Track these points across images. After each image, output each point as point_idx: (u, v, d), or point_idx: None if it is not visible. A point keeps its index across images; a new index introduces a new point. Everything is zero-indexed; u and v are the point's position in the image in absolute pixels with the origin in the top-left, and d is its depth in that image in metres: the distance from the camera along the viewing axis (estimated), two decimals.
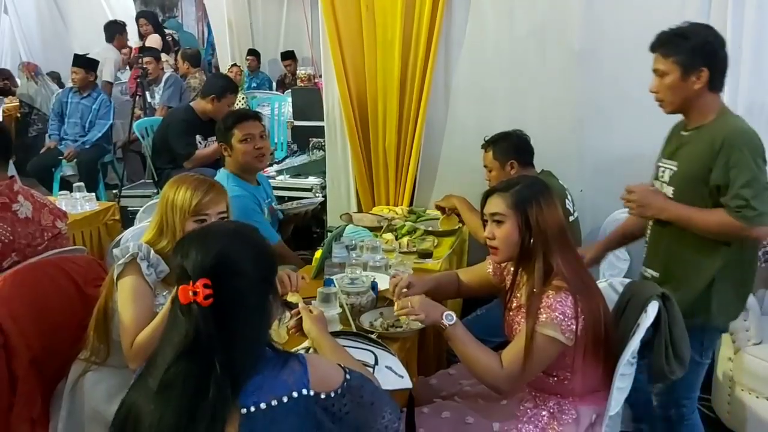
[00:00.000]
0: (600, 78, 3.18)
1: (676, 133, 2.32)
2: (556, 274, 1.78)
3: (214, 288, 1.25)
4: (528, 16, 3.25)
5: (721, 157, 2.07)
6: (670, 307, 1.95)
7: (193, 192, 1.97)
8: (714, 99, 2.20)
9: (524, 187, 1.89)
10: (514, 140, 2.83)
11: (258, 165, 2.96)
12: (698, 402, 2.97)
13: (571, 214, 2.78)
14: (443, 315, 1.83)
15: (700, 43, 2.15)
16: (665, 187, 2.24)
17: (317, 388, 1.31)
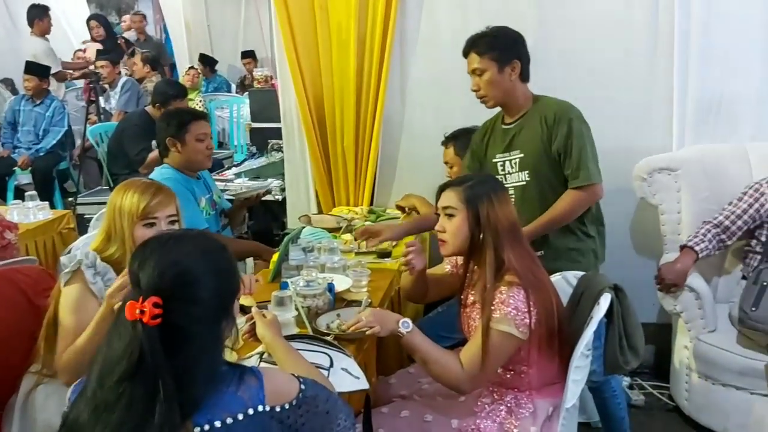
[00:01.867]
0: (553, 72, 3.20)
1: (497, 130, 2.59)
2: (507, 269, 1.79)
3: (164, 309, 1.18)
4: (481, 13, 3.24)
5: (559, 128, 2.40)
6: (622, 299, 1.98)
7: (140, 196, 1.94)
8: (527, 88, 2.54)
9: (478, 182, 1.91)
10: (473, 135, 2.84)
11: (207, 164, 3.00)
12: (657, 390, 3.05)
13: None
14: (399, 323, 1.82)
15: (508, 39, 2.47)
16: (520, 174, 2.48)
17: (273, 401, 1.29)
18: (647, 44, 3.10)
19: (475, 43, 2.48)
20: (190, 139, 2.84)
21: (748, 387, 2.56)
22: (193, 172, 2.95)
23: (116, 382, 1.18)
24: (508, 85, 2.47)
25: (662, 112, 3.14)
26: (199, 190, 2.94)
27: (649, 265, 3.04)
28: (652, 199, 2.98)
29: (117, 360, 1.20)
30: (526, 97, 2.53)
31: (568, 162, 2.40)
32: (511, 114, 2.55)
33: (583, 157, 2.38)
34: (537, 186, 2.47)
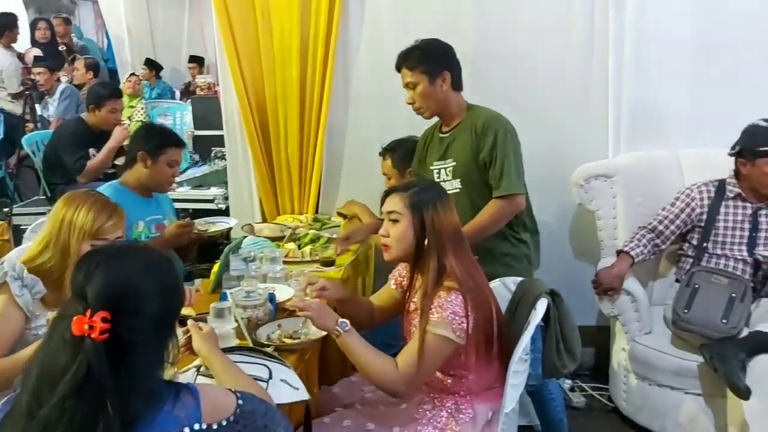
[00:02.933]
0: (494, 82, 3.26)
1: (435, 137, 2.66)
2: (448, 274, 1.81)
3: (112, 323, 1.15)
4: (423, 22, 3.28)
5: (486, 138, 2.47)
6: (559, 303, 2.02)
7: (96, 214, 1.94)
8: (461, 97, 2.61)
9: (423, 189, 1.93)
10: (411, 146, 2.85)
11: (166, 189, 2.92)
12: (597, 392, 3.12)
13: None
14: (338, 322, 1.82)
15: (437, 51, 2.54)
16: (453, 182, 2.55)
17: (210, 419, 1.26)
18: (584, 53, 3.18)
19: (405, 57, 2.54)
20: (162, 161, 2.74)
21: (683, 387, 2.64)
22: (147, 192, 2.85)
23: (60, 399, 1.14)
24: (441, 96, 2.53)
25: (599, 120, 3.22)
26: (142, 212, 2.79)
27: (587, 270, 3.11)
28: (589, 204, 3.06)
29: (59, 376, 1.15)
30: (460, 106, 2.59)
31: (492, 171, 2.47)
32: (447, 123, 2.62)
33: (506, 168, 2.44)
34: (468, 194, 2.52)
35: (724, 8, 3.06)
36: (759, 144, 2.62)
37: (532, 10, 3.19)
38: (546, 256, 3.27)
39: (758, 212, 2.71)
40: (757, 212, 2.71)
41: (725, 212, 2.74)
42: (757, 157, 2.62)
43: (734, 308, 2.54)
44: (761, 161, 2.62)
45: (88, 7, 10.30)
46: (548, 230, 3.30)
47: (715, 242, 2.75)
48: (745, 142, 2.68)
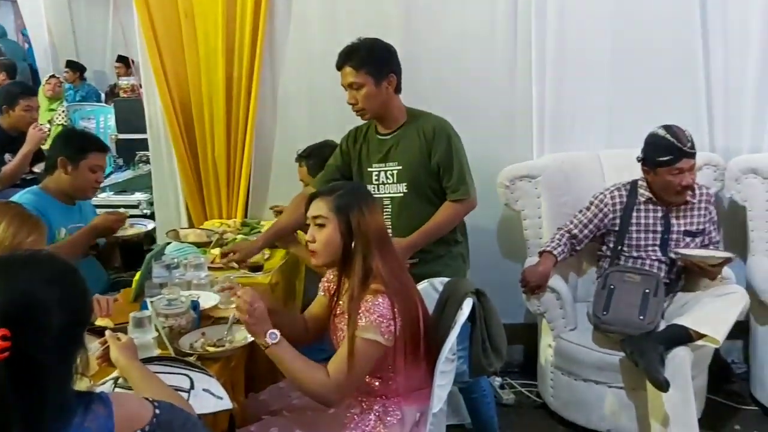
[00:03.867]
0: (421, 85, 3.27)
1: (372, 139, 2.59)
2: (374, 277, 1.80)
3: (13, 340, 1.07)
4: (350, 24, 3.27)
5: (438, 143, 2.48)
6: (485, 303, 2.04)
7: (16, 230, 1.91)
8: (400, 100, 2.58)
9: (347, 191, 1.91)
10: (326, 154, 2.82)
11: (90, 196, 2.83)
12: (526, 389, 3.18)
13: None
14: (267, 333, 1.78)
15: (383, 52, 2.49)
16: (397, 186, 2.51)
17: (123, 429, 1.20)
18: (508, 57, 3.24)
19: (349, 56, 2.46)
20: (84, 166, 2.64)
21: (606, 381, 2.72)
22: (69, 199, 2.74)
23: None
24: (385, 98, 2.49)
25: (523, 122, 3.29)
26: (64, 219, 2.69)
27: (514, 268, 3.16)
28: (515, 205, 3.12)
29: None
30: (400, 109, 2.57)
31: (449, 176, 2.49)
32: (387, 125, 2.56)
33: (462, 173, 2.49)
34: (415, 197, 2.51)
35: (640, 15, 3.18)
36: (658, 154, 2.70)
37: (457, 13, 3.23)
38: (474, 255, 3.31)
39: (669, 215, 2.80)
40: (668, 214, 2.80)
41: (638, 216, 2.82)
42: (658, 167, 2.71)
43: (649, 304, 2.62)
44: (662, 170, 2.70)
45: (7, 6, 9.85)
46: (476, 230, 3.31)
47: (629, 245, 2.82)
48: (647, 151, 2.76)
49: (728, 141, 3.22)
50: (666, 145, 2.68)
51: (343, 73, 2.48)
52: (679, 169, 2.68)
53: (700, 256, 2.68)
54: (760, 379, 2.98)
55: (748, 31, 3.14)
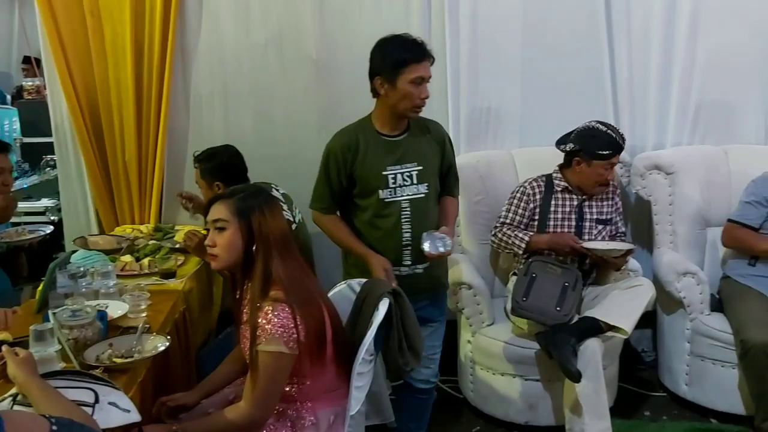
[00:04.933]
0: (338, 85, 3.28)
1: (377, 141, 2.37)
2: (275, 281, 1.78)
3: None
4: (264, 25, 3.25)
5: (445, 145, 2.52)
6: (401, 302, 2.04)
7: None
8: None
9: (248, 194, 1.87)
10: (222, 160, 2.77)
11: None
12: (447, 384, 3.21)
13: (293, 222, 2.80)
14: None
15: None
16: (418, 187, 2.39)
17: None
18: None
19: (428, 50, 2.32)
20: None
21: (523, 374, 2.78)
22: None
23: None
24: None
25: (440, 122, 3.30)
26: None
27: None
28: None
29: None
30: None
31: (453, 176, 2.57)
32: (398, 127, 2.39)
33: (457, 172, 2.60)
34: (432, 197, 2.45)
35: (548, 16, 3.26)
36: (599, 148, 2.78)
37: (372, 12, 3.22)
38: None
39: (583, 204, 2.91)
40: (582, 204, 2.91)
41: (555, 205, 2.92)
42: (594, 159, 2.80)
43: (567, 296, 2.71)
44: (597, 163, 2.80)
45: None
46: None
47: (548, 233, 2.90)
48: (583, 143, 2.82)
49: (634, 138, 3.35)
50: (608, 139, 2.79)
51: (426, 66, 2.29)
52: (612, 163, 2.82)
53: (603, 249, 2.78)
54: (667, 366, 3.12)
55: (650, 30, 3.27)
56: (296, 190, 2.99)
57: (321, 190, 2.43)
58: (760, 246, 2.87)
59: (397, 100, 2.29)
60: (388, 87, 2.28)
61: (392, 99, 2.29)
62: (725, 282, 3.01)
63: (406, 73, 2.24)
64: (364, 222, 2.40)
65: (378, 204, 2.36)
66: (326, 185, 2.41)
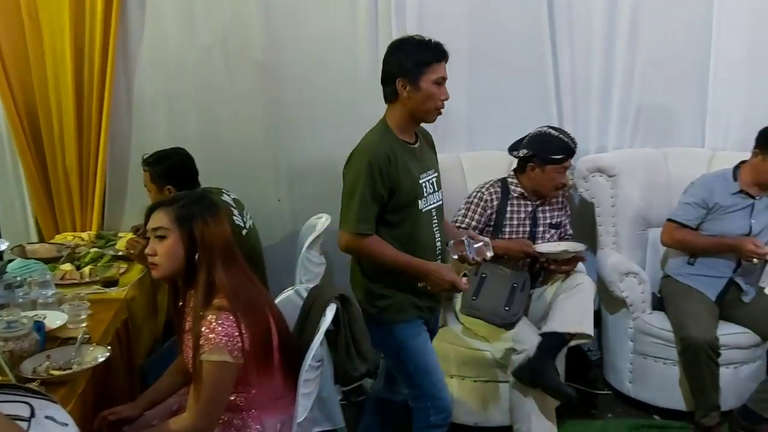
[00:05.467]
0: (286, 87, 3.26)
1: (404, 148, 2.22)
2: (218, 290, 1.75)
3: None
4: (209, 28, 3.20)
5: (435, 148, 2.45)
6: (349, 308, 2.04)
7: None
8: None
9: (190, 201, 1.83)
10: (173, 163, 2.72)
11: None
12: None
13: (244, 228, 2.77)
14: None
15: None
16: (438, 194, 2.31)
17: None
18: (370, 60, 3.25)
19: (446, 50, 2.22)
20: None
21: (472, 375, 2.81)
22: None
23: None
24: None
25: None
26: None
27: None
28: None
29: None
30: None
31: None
32: (413, 134, 2.28)
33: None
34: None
35: (494, 21, 3.30)
36: (552, 152, 2.81)
37: (318, 15, 3.21)
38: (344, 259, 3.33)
39: (537, 210, 2.93)
40: (536, 210, 2.93)
41: (511, 211, 2.93)
42: (548, 164, 2.82)
43: (516, 297, 2.74)
44: (551, 168, 2.82)
45: None
46: None
47: (503, 239, 2.90)
48: (536, 148, 2.84)
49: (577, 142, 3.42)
50: (560, 144, 2.82)
51: (445, 66, 2.20)
52: (565, 167, 2.86)
53: (556, 252, 2.83)
54: (612, 365, 3.19)
55: (591, 36, 3.35)
56: (245, 193, 2.97)
57: (367, 210, 2.12)
58: (698, 244, 2.96)
59: (420, 102, 2.15)
60: (410, 89, 2.12)
61: (415, 101, 2.14)
62: (666, 281, 3.10)
63: (429, 73, 2.12)
64: (400, 238, 2.20)
65: (416, 215, 2.21)
66: (374, 203, 2.13)
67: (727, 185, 2.95)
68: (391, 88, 2.17)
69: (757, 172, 2.86)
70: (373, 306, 2.24)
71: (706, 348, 2.71)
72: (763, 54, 3.33)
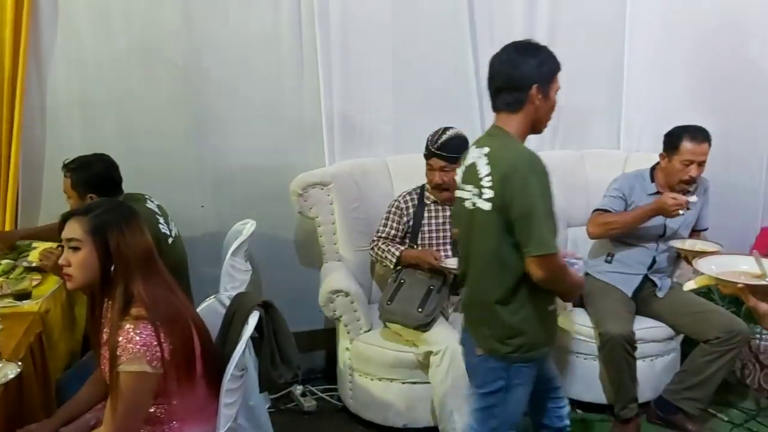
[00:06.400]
0: (208, 91, 3.20)
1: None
2: (136, 301, 1.70)
3: None
4: (127, 31, 3.09)
5: None
6: (273, 314, 2.02)
7: None
8: None
9: (105, 211, 1.77)
10: (96, 170, 2.63)
11: None
12: (327, 393, 3.21)
13: (170, 236, 2.71)
14: None
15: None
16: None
17: None
18: (295, 66, 3.25)
19: None
20: None
21: (400, 378, 2.83)
22: None
23: None
24: None
25: (314, 131, 3.33)
26: None
27: (312, 275, 3.19)
28: (308, 212, 3.14)
29: None
30: None
31: None
32: None
33: None
34: None
35: (416, 26, 3.34)
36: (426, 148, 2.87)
37: (240, 21, 3.16)
38: (272, 265, 3.31)
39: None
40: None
41: (428, 217, 2.97)
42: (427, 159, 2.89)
43: (430, 299, 2.78)
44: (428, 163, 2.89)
45: None
46: (273, 240, 3.34)
47: (423, 245, 2.96)
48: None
49: None
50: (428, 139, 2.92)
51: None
52: (430, 165, 2.90)
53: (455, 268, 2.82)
54: None
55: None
56: (167, 200, 2.90)
57: (552, 225, 1.90)
58: (621, 219, 2.97)
59: (547, 112, 2.00)
60: (542, 97, 1.95)
61: (543, 110, 1.98)
62: (585, 279, 3.19)
63: (556, 83, 2.00)
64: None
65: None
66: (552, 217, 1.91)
67: (645, 186, 3.06)
68: (522, 94, 1.94)
69: (665, 174, 2.99)
70: (506, 344, 1.97)
71: (623, 342, 2.81)
72: (673, 59, 3.50)
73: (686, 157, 2.88)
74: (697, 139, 2.87)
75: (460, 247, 2.15)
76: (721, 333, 2.80)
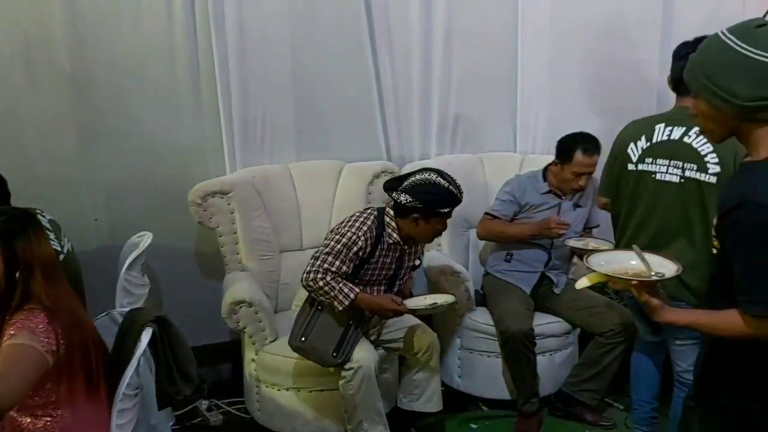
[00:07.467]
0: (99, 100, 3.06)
1: None
2: (35, 300, 1.68)
3: None
4: (10, 36, 2.92)
5: None
6: (168, 329, 1.96)
7: None
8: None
9: (11, 218, 1.74)
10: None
11: None
12: (234, 407, 3.14)
13: (61, 252, 2.59)
14: None
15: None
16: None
17: None
18: (192, 72, 3.16)
19: None
20: None
21: (307, 386, 2.81)
22: None
23: None
24: None
25: (213, 138, 3.25)
26: None
27: (215, 287, 3.12)
28: (209, 222, 3.07)
29: None
30: None
31: None
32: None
33: None
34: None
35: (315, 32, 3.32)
36: (439, 206, 2.59)
37: (132, 25, 3.04)
38: (173, 278, 3.22)
39: (404, 253, 2.77)
40: (404, 254, 2.77)
41: (379, 255, 2.69)
42: (434, 217, 2.61)
43: (347, 338, 2.62)
44: (436, 220, 2.62)
45: None
46: (173, 252, 3.24)
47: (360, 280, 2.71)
48: (423, 200, 2.56)
49: (402, 149, 3.55)
50: (448, 197, 2.59)
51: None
52: (449, 217, 2.68)
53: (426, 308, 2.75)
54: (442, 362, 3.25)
55: (410, 49, 3.48)
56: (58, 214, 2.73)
57: None
58: (508, 232, 3.13)
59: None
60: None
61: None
62: (486, 278, 3.29)
63: None
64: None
65: None
66: None
67: (538, 186, 3.18)
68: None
69: (558, 180, 3.10)
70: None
71: (522, 339, 2.90)
72: (562, 66, 3.65)
73: (577, 169, 3.00)
74: (589, 151, 2.99)
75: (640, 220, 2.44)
76: (614, 326, 2.95)
